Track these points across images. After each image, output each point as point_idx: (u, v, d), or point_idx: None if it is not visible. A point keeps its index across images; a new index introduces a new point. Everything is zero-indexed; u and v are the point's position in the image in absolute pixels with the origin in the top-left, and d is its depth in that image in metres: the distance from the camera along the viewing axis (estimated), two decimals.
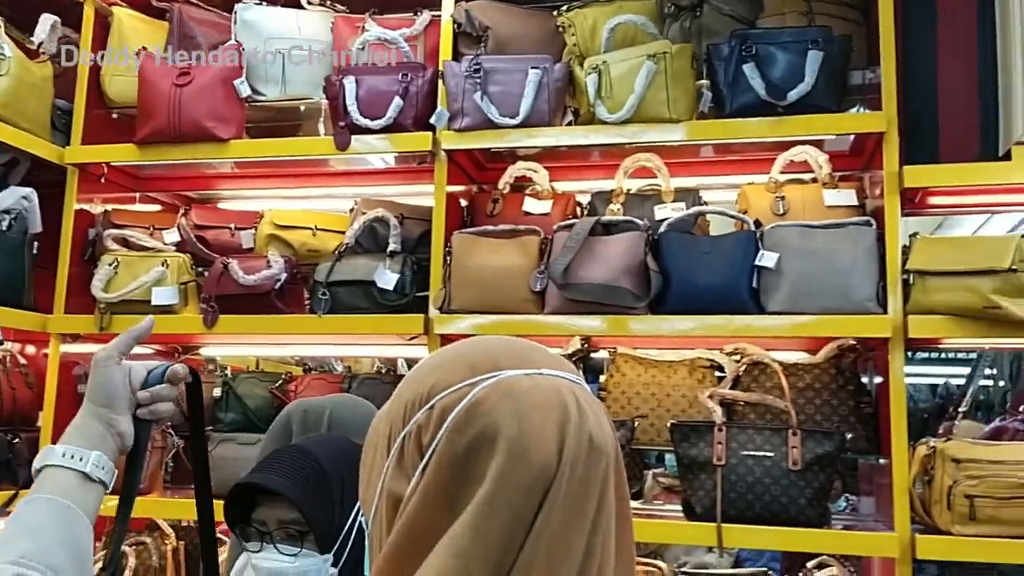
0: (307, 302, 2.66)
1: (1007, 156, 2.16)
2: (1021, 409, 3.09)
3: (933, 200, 2.36)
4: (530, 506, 0.67)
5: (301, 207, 3.01)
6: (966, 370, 4.19)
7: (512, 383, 0.72)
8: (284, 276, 2.59)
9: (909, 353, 2.21)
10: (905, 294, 2.17)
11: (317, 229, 2.81)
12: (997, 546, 2.02)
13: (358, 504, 1.33)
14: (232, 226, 2.85)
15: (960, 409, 3.43)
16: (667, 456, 3.60)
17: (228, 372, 2.83)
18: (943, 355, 4.83)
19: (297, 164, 2.90)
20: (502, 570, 0.66)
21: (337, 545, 1.32)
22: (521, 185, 2.67)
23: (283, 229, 2.78)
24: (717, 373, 2.50)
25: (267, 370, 2.99)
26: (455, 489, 0.68)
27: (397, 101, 2.52)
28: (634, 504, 2.61)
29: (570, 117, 2.53)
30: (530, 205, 2.58)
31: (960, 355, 4.42)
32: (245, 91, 2.69)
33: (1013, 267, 1.99)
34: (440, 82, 2.52)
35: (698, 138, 2.39)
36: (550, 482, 0.68)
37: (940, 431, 2.95)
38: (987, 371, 3.73)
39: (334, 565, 1.33)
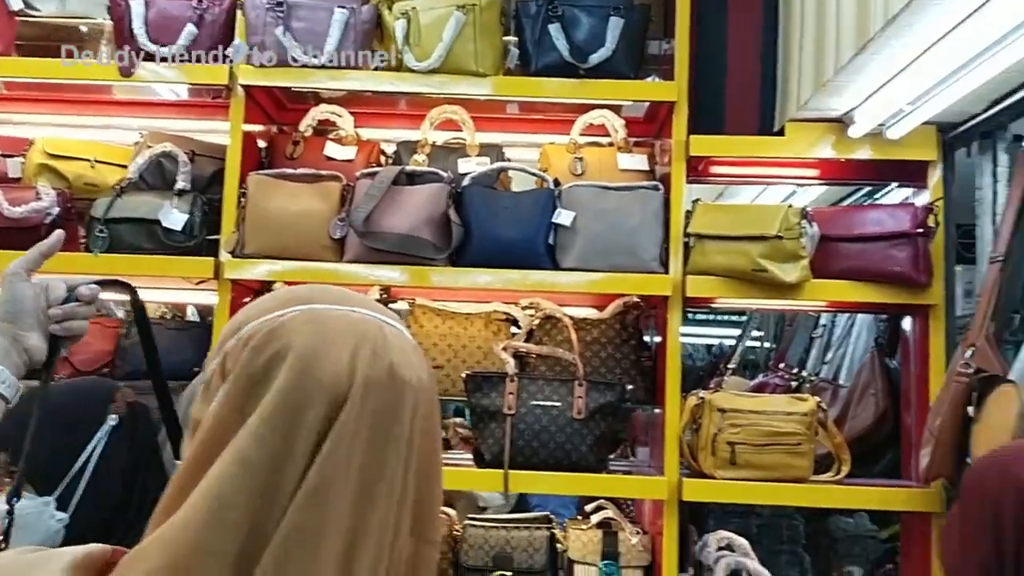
0: (83, 240, 2.45)
1: (782, 132, 2.35)
2: (781, 367, 3.40)
3: (716, 169, 2.52)
4: (317, 420, 0.68)
5: (79, 136, 2.75)
6: (738, 331, 4.55)
7: (319, 312, 0.74)
8: (57, 210, 2.38)
9: (689, 314, 2.37)
10: (685, 256, 2.32)
11: (96, 161, 2.59)
12: (754, 488, 2.22)
13: (88, 450, 1.25)
14: None
15: (729, 366, 3.73)
16: (468, 410, 3.67)
17: None
18: (718, 318, 5.23)
19: (76, 89, 2.65)
20: (290, 477, 0.67)
21: (61, 490, 1.25)
22: (324, 129, 2.59)
23: (57, 159, 2.54)
24: (513, 329, 2.57)
25: None
26: (247, 405, 0.70)
27: (190, 28, 2.36)
28: None
29: (377, 62, 2.47)
30: (332, 150, 2.51)
31: (733, 318, 4.79)
32: (16, 3, 2.43)
33: (779, 234, 2.17)
34: (239, 12, 2.39)
35: (504, 94, 2.41)
36: (342, 400, 0.69)
37: (711, 386, 3.20)
38: (755, 332, 4.06)
39: (62, 510, 1.26)
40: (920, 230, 2.19)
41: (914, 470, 2.27)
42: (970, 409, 1.88)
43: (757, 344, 4.28)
